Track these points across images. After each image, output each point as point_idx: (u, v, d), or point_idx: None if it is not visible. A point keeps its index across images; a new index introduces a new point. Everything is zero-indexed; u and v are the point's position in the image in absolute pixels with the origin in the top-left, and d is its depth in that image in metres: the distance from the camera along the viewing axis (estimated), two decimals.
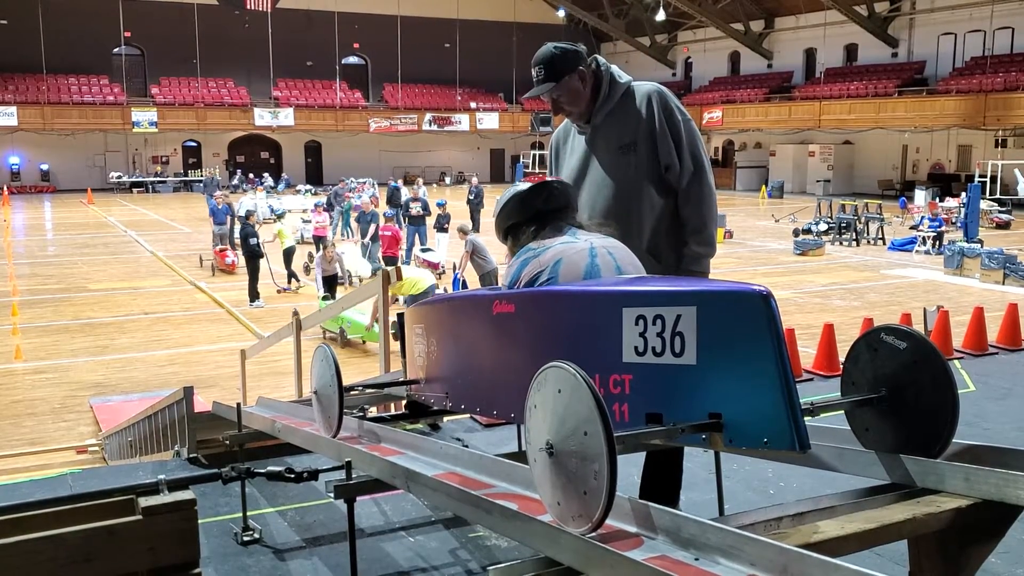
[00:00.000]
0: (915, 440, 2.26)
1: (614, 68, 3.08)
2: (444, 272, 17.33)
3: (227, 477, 2.90)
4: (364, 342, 12.68)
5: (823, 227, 24.33)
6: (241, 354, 9.89)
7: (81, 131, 43.31)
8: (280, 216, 22.06)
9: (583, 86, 2.97)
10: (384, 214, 18.87)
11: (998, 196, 30.59)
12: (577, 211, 2.79)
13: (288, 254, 17.62)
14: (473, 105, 51.62)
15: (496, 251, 14.28)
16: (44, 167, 44.54)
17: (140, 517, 2.13)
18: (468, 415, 4.92)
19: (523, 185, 2.76)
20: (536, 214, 2.69)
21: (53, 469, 7.35)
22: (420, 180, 33.49)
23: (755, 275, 18.27)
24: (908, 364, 2.27)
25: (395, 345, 4.91)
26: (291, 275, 17.58)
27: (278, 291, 16.94)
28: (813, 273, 18.92)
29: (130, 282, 18.40)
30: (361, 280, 17.10)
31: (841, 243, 23.52)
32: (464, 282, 14.59)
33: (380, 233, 17.91)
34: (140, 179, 45.36)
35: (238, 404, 4.09)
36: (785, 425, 1.89)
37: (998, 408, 5.69)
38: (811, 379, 6.88)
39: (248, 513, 3.75)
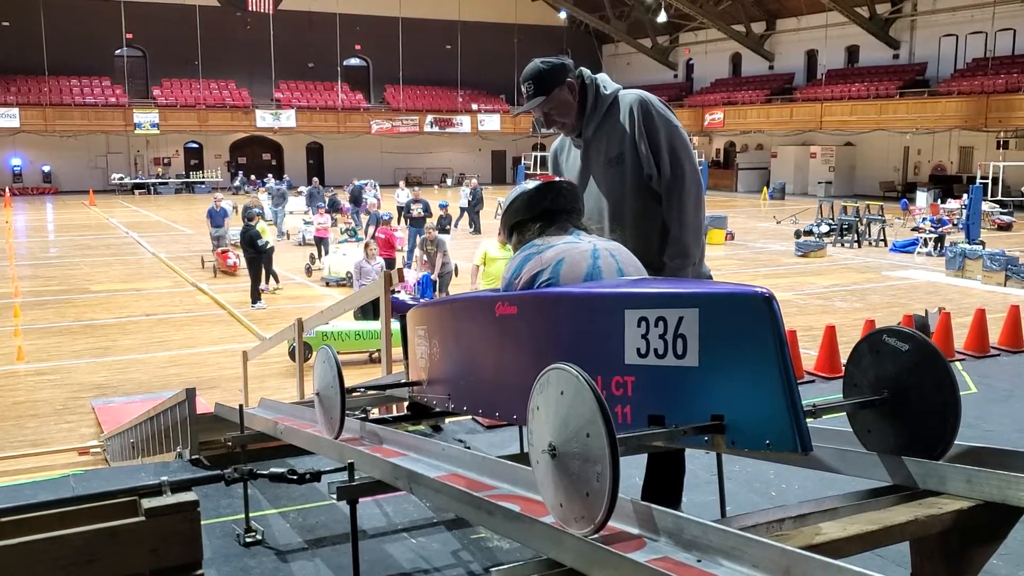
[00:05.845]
0: (917, 442, 2.26)
1: (600, 78, 3.11)
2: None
3: (229, 478, 2.89)
4: None
5: (825, 229, 24.32)
6: (243, 355, 9.90)
7: (83, 133, 43.38)
8: (259, 216, 21.84)
9: (572, 97, 3.03)
10: (382, 216, 18.78)
11: (999, 198, 30.59)
12: (584, 214, 2.80)
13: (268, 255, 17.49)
14: (475, 107, 51.63)
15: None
16: (46, 168, 44.62)
17: (143, 518, 2.13)
18: (470, 417, 4.92)
19: (531, 184, 2.77)
20: (542, 212, 2.70)
21: (55, 470, 7.34)
22: (449, 180, 33.07)
23: (757, 277, 18.26)
24: (910, 366, 2.27)
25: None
26: (268, 275, 17.50)
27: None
28: (815, 275, 18.91)
29: (132, 284, 18.41)
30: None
31: (843, 245, 23.51)
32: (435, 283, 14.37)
33: (376, 236, 17.86)
34: (142, 180, 45.41)
35: (240, 405, 4.09)
36: (787, 427, 1.89)
37: (1000, 410, 5.70)
38: (813, 381, 6.88)
39: (250, 514, 3.76)
